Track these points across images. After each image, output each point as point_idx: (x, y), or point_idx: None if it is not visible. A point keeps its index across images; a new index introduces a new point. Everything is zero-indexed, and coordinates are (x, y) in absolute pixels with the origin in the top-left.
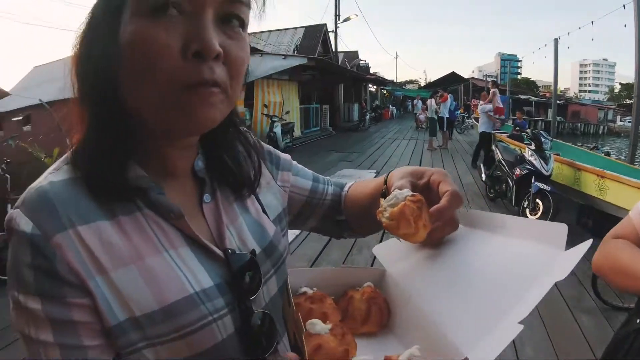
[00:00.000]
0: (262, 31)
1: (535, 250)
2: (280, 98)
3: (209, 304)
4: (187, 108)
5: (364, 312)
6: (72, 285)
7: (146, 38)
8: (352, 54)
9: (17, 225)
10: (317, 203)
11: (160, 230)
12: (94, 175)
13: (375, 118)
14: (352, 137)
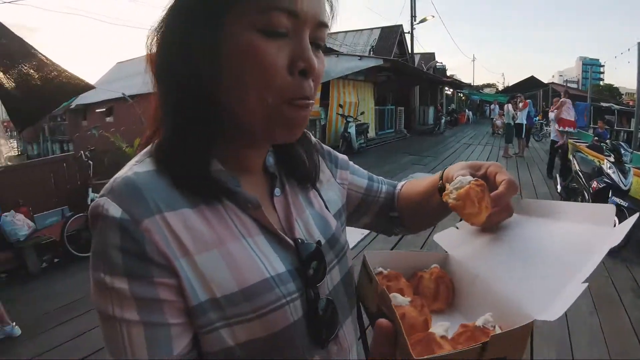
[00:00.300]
0: (338, 32)
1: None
2: (356, 98)
3: (282, 287)
4: (290, 121)
5: (433, 290)
6: (160, 266)
7: (261, 54)
8: (428, 55)
9: (105, 211)
10: (372, 200)
11: (238, 220)
12: (180, 169)
13: (451, 122)
14: (427, 141)
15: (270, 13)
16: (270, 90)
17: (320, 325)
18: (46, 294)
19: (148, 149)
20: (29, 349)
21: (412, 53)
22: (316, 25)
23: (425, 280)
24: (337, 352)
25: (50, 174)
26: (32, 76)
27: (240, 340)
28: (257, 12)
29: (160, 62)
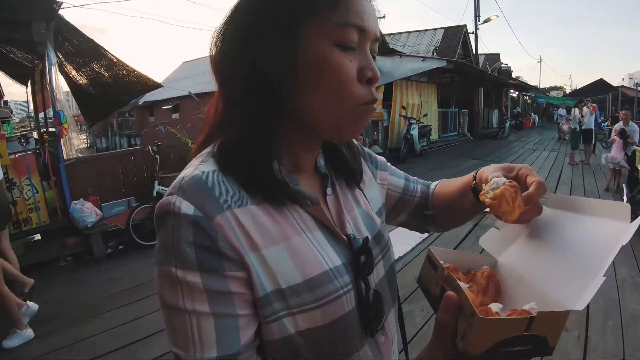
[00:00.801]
0: (402, 32)
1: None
2: (419, 100)
3: (340, 279)
4: (358, 121)
5: (484, 286)
6: (231, 260)
7: (339, 66)
8: (493, 56)
9: (177, 208)
10: (408, 199)
11: (298, 216)
12: (246, 171)
13: (516, 126)
14: (490, 145)
15: (346, 29)
16: (346, 98)
17: (370, 315)
18: (109, 278)
19: (210, 150)
20: (90, 327)
21: (477, 54)
22: (374, 39)
23: (477, 277)
24: (385, 342)
25: (119, 166)
26: (103, 75)
27: (300, 329)
28: (334, 27)
29: (226, 65)
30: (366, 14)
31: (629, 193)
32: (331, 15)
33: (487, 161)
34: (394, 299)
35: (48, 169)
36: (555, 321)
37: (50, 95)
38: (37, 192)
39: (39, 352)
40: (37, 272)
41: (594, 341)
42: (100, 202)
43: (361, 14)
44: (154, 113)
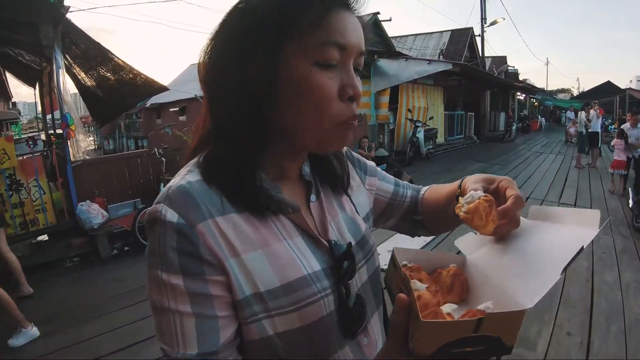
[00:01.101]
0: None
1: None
2: (425, 103)
3: (318, 284)
4: (342, 138)
5: (449, 285)
6: (211, 265)
7: (318, 85)
8: (499, 59)
9: (163, 216)
10: (397, 204)
11: (280, 223)
12: (229, 183)
13: (523, 129)
14: (497, 148)
15: (326, 47)
16: (325, 116)
17: (349, 318)
18: (114, 279)
19: (196, 160)
20: (93, 327)
21: (483, 56)
22: (358, 54)
23: (443, 276)
24: (368, 344)
25: (125, 169)
26: (109, 78)
27: (278, 330)
28: (314, 46)
29: (213, 81)
30: (348, 30)
31: (635, 197)
32: (311, 35)
33: (493, 164)
34: (379, 303)
35: (55, 171)
36: (507, 321)
37: (58, 97)
38: (44, 193)
39: (43, 351)
40: (43, 272)
41: (596, 346)
42: (107, 203)
43: (342, 32)
44: (161, 115)
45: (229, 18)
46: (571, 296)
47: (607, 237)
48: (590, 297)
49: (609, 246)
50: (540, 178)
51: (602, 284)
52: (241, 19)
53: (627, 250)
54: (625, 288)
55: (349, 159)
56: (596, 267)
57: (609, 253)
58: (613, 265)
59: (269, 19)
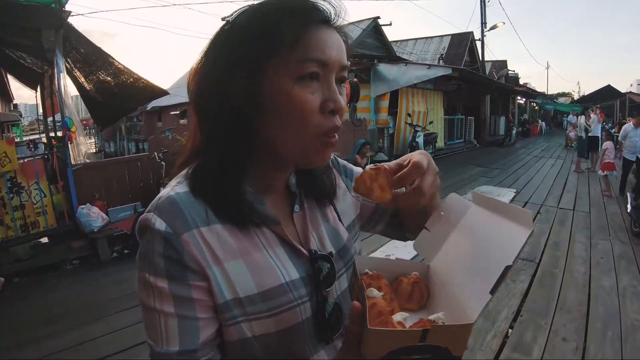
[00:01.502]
0: (408, 39)
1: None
2: (425, 107)
3: (295, 292)
4: (322, 150)
5: (409, 292)
6: (194, 272)
7: (298, 100)
8: (500, 63)
9: (152, 224)
10: (384, 209)
11: (261, 234)
12: (214, 197)
13: (523, 133)
14: (496, 152)
15: (306, 64)
16: (306, 129)
17: (326, 325)
18: (114, 281)
19: (185, 172)
20: (94, 329)
21: (483, 61)
22: (340, 68)
23: (403, 284)
24: None
25: (126, 172)
26: (109, 82)
27: (256, 333)
28: (294, 64)
29: (201, 100)
30: (328, 47)
31: (633, 202)
32: (291, 53)
33: (493, 168)
34: None
35: (56, 174)
36: (454, 333)
37: (59, 101)
38: (45, 196)
39: (44, 353)
40: (43, 275)
41: (592, 352)
42: (107, 206)
43: (322, 48)
44: (162, 118)
45: (216, 38)
46: (567, 301)
47: (605, 242)
48: (587, 302)
49: (607, 251)
50: (539, 182)
51: (599, 290)
52: (226, 39)
53: (625, 255)
54: (622, 293)
55: (335, 166)
56: (594, 272)
57: (606, 258)
58: (610, 271)
59: (252, 39)
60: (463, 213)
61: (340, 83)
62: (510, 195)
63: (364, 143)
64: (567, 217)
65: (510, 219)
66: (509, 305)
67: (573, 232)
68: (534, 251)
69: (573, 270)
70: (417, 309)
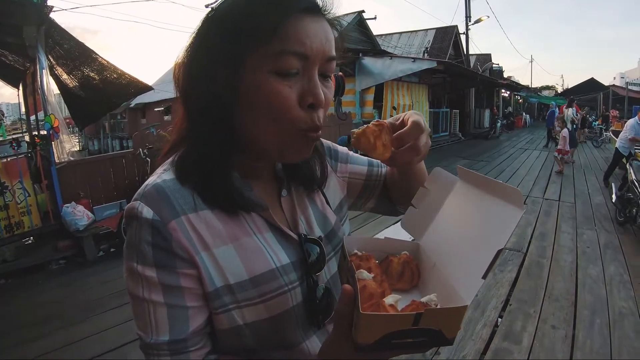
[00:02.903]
0: (393, 33)
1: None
2: (410, 101)
3: (285, 277)
4: (299, 147)
5: (399, 272)
6: (183, 260)
7: (275, 93)
8: (484, 57)
9: (139, 212)
10: (374, 185)
11: (250, 219)
12: (201, 181)
13: (507, 125)
14: (481, 145)
15: (283, 57)
16: (283, 122)
17: (317, 309)
18: (101, 281)
19: (172, 159)
20: (82, 330)
21: (468, 54)
22: (325, 60)
23: (393, 263)
24: None
25: (110, 169)
26: (93, 78)
27: (247, 320)
28: (272, 56)
29: (185, 87)
30: (309, 38)
31: (618, 192)
32: (269, 46)
33: (478, 161)
34: None
35: (40, 173)
36: (448, 316)
37: (42, 99)
38: (29, 195)
39: (31, 354)
40: (29, 275)
41: (581, 340)
42: (92, 205)
43: (302, 40)
44: (146, 115)
45: (200, 27)
46: (555, 290)
47: (591, 232)
48: (575, 291)
49: (593, 241)
50: (524, 174)
51: (586, 278)
52: (208, 30)
53: (610, 244)
54: (609, 282)
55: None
56: (580, 261)
57: (592, 247)
58: (597, 260)
59: (230, 31)
60: (449, 188)
61: (327, 76)
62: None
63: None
64: (552, 207)
65: (500, 197)
66: (497, 294)
67: (559, 222)
68: (520, 241)
69: (560, 260)
70: (408, 288)
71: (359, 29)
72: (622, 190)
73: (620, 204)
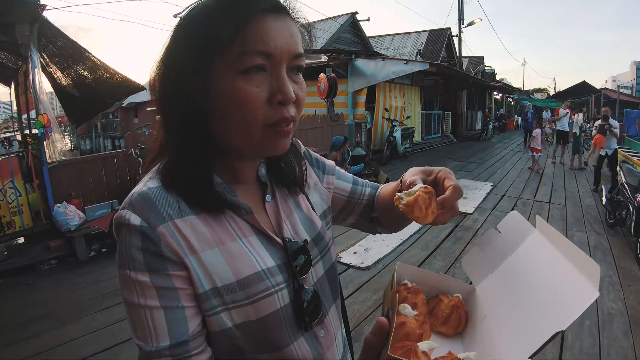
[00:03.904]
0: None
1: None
2: (402, 102)
3: (272, 279)
4: (273, 141)
5: (447, 315)
6: (174, 262)
7: (242, 94)
8: (476, 59)
9: (127, 220)
10: (355, 202)
11: (235, 223)
12: (185, 187)
13: (499, 128)
14: (473, 147)
15: (247, 57)
16: (254, 121)
17: (304, 311)
18: (93, 281)
19: (157, 167)
20: (74, 330)
21: (460, 56)
22: (292, 57)
23: (442, 304)
24: (325, 336)
25: (102, 169)
26: (86, 77)
27: (236, 322)
28: (237, 58)
29: (161, 97)
30: (272, 37)
31: (608, 194)
32: (232, 48)
33: (470, 162)
34: (336, 296)
35: (31, 172)
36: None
37: (34, 97)
38: (20, 195)
39: (23, 355)
40: (20, 276)
41: (570, 340)
42: (84, 204)
43: (264, 40)
44: (138, 114)
45: (170, 37)
46: None
47: (581, 234)
48: None
49: (583, 243)
50: (515, 176)
51: None
52: (177, 37)
53: (600, 246)
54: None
55: (306, 158)
56: None
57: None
58: None
59: (196, 36)
60: (523, 237)
61: (297, 72)
62: (487, 188)
63: (343, 141)
64: (543, 209)
65: (576, 266)
66: None
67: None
68: None
69: None
70: (452, 334)
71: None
72: (612, 193)
73: (610, 206)
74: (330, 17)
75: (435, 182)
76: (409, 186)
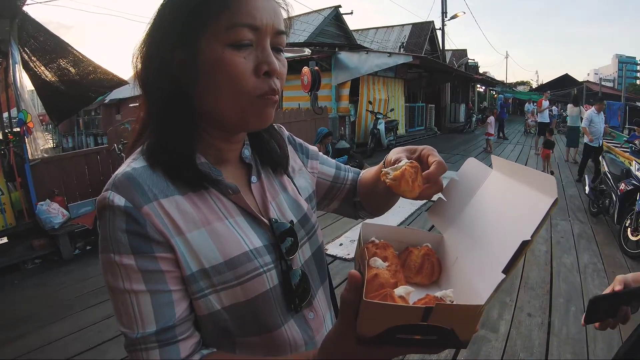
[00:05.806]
0: (369, 28)
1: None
2: (386, 95)
3: (260, 259)
4: (260, 111)
5: (419, 265)
6: (159, 243)
7: (231, 65)
8: (460, 52)
9: (111, 201)
10: (339, 187)
11: (221, 203)
12: (170, 164)
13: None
14: (457, 139)
15: (235, 29)
16: (240, 92)
17: (293, 293)
18: (78, 279)
19: (141, 148)
20: (60, 329)
21: (444, 49)
22: (275, 33)
23: (413, 255)
24: (314, 319)
25: (85, 166)
26: (69, 72)
27: (225, 305)
28: (225, 30)
29: (144, 74)
30: (259, 11)
31: (591, 184)
32: (220, 21)
33: (454, 154)
34: (324, 278)
35: (13, 170)
36: (461, 314)
37: (15, 94)
38: (2, 194)
39: (9, 355)
40: (4, 276)
41: (557, 326)
42: (67, 202)
43: (253, 13)
44: (121, 110)
45: (156, 15)
46: (531, 279)
47: (565, 223)
48: (550, 279)
49: (567, 231)
50: None
51: (561, 267)
52: (163, 14)
53: (584, 234)
54: (583, 270)
55: (290, 143)
56: (555, 251)
57: (566, 237)
58: (571, 249)
59: (184, 11)
60: (482, 180)
61: (277, 50)
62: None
63: (326, 133)
64: None
65: (532, 185)
66: None
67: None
68: None
69: (535, 250)
70: (427, 284)
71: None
72: (595, 182)
73: (594, 196)
74: (314, 10)
75: (419, 159)
76: (394, 163)
